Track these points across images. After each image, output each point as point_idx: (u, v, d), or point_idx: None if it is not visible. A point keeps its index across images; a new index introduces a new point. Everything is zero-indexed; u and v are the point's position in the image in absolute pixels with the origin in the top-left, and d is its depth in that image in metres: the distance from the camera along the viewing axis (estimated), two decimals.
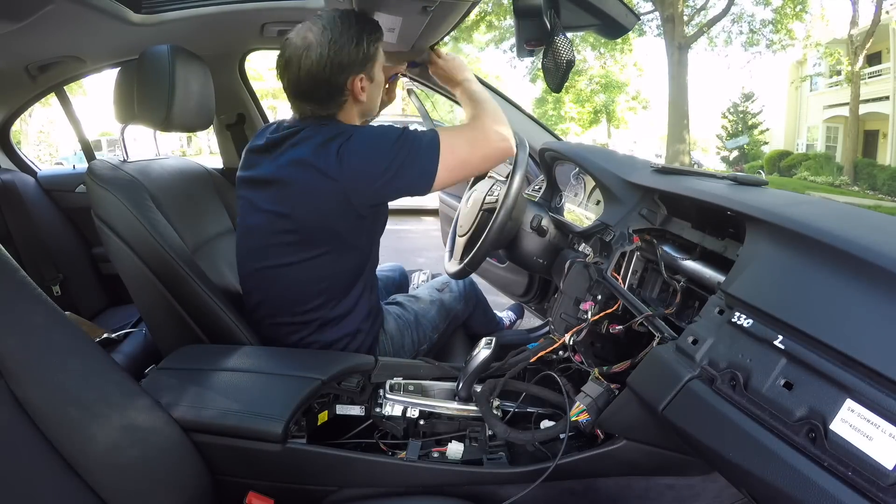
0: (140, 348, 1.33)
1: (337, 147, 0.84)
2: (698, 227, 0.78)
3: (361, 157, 0.84)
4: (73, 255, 1.64)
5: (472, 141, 0.90)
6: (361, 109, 0.95)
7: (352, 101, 0.92)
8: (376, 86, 0.95)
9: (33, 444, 0.54)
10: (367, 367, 0.85)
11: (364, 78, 0.90)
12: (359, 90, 0.90)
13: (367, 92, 0.92)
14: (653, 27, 13.17)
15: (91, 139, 1.92)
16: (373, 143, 0.85)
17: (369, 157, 0.85)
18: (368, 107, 0.96)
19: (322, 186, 0.85)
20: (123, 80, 1.00)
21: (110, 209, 0.92)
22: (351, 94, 0.91)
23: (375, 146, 0.85)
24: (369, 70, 0.91)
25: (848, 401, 0.43)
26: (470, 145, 0.90)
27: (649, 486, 0.79)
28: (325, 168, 0.84)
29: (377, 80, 0.95)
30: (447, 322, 1.23)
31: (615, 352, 0.85)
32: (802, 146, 15.79)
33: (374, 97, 0.96)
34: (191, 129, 1.07)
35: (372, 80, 0.93)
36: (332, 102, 0.90)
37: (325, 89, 0.88)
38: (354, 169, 0.84)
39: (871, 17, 11.65)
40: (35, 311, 0.58)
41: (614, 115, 18.47)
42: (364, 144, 0.85)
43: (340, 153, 0.83)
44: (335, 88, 0.88)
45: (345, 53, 0.86)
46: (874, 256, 0.47)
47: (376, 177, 0.85)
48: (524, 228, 1.14)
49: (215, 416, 0.71)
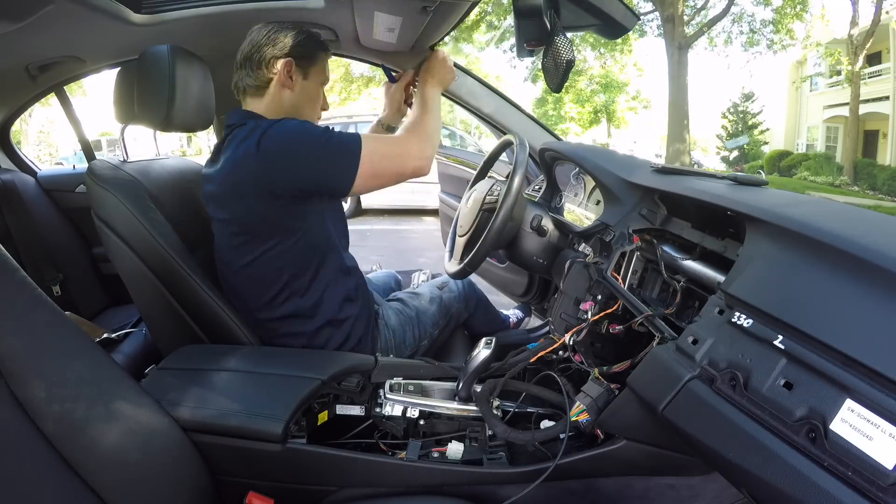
0: (140, 348, 1.33)
1: (257, 137, 0.87)
2: (698, 227, 0.78)
3: (279, 143, 0.87)
4: (73, 255, 1.64)
5: (390, 155, 0.93)
6: (290, 101, 0.99)
7: (278, 85, 0.97)
8: (309, 88, 1.00)
9: (33, 444, 0.54)
10: (367, 367, 0.85)
11: (294, 65, 0.97)
12: (285, 74, 0.96)
13: (296, 84, 0.98)
14: (653, 27, 13.19)
15: (91, 139, 1.92)
16: (292, 132, 0.88)
17: (288, 143, 0.87)
18: (298, 105, 1.00)
19: (245, 178, 0.88)
20: (123, 80, 1.00)
21: (110, 209, 0.92)
22: (278, 77, 0.96)
23: (295, 135, 0.88)
24: (303, 65, 0.98)
25: (848, 401, 0.43)
26: (387, 158, 0.93)
27: (649, 486, 0.79)
28: (244, 160, 0.87)
29: (311, 84, 1.00)
30: (447, 319, 1.25)
31: (615, 352, 0.85)
32: (802, 146, 15.79)
33: (305, 100, 1.00)
34: (191, 129, 1.07)
35: (305, 78, 0.99)
36: (258, 73, 0.96)
37: (257, 57, 0.96)
38: (272, 154, 0.86)
39: (871, 17, 11.65)
40: (35, 311, 0.58)
41: (614, 115, 18.46)
42: (283, 132, 0.88)
43: (260, 142, 0.86)
44: (264, 60, 0.96)
45: (282, 35, 0.96)
46: (874, 256, 0.47)
47: (295, 161, 0.87)
48: (524, 228, 1.14)
49: (215, 416, 0.71)
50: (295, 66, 0.97)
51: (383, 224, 5.61)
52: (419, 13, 0.96)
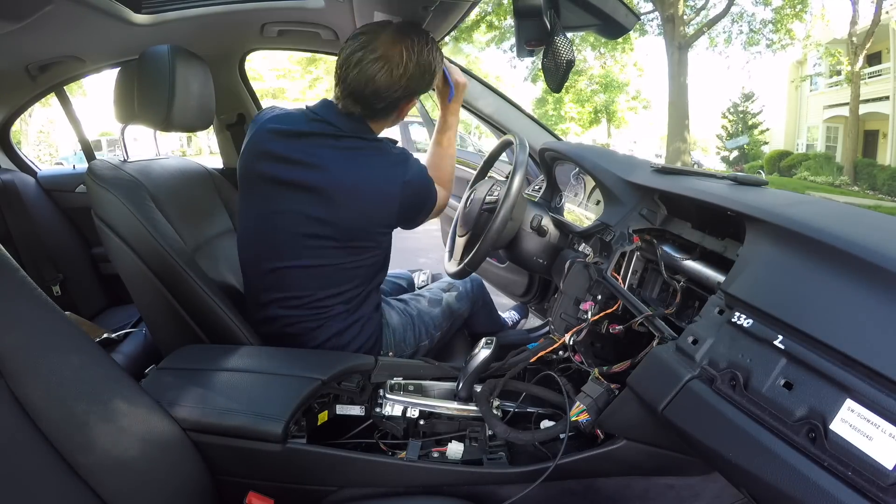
0: (140, 348, 1.33)
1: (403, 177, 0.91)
2: (698, 227, 0.78)
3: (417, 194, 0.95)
4: (73, 255, 1.64)
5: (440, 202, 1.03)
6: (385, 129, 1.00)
7: (394, 118, 0.96)
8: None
9: (33, 444, 0.54)
10: (367, 367, 0.85)
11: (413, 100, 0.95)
12: (405, 112, 0.96)
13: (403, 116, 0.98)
14: (653, 26, 13.19)
15: (91, 139, 1.92)
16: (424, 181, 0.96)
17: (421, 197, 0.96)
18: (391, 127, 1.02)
19: (381, 205, 0.91)
20: (123, 80, 1.00)
21: (110, 209, 0.92)
22: (397, 114, 0.94)
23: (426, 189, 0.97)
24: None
25: (848, 401, 0.43)
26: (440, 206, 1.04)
27: (649, 486, 0.79)
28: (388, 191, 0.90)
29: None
30: (450, 321, 1.25)
31: (615, 352, 0.85)
32: (802, 146, 15.79)
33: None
34: (191, 129, 1.08)
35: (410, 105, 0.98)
36: (383, 114, 0.92)
37: (385, 105, 0.90)
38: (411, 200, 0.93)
39: (871, 17, 11.65)
40: (35, 311, 0.58)
41: (614, 115, 18.47)
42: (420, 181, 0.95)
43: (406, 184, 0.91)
44: (393, 105, 0.91)
45: (415, 84, 0.89)
46: (874, 256, 0.47)
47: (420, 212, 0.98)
48: (524, 228, 1.14)
49: (215, 416, 0.71)
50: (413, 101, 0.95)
51: None
52: (419, 13, 0.96)
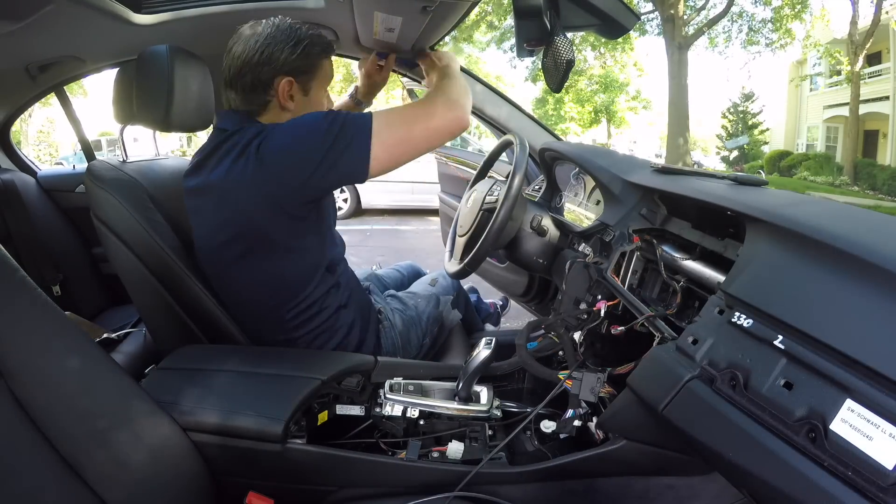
0: (140, 348, 1.33)
1: (256, 147, 0.79)
2: (698, 227, 0.78)
3: (283, 152, 0.79)
4: (73, 255, 1.63)
5: (412, 115, 0.84)
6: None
7: (277, 106, 0.89)
8: (310, 103, 0.92)
9: (33, 444, 0.54)
10: (366, 367, 0.85)
11: (294, 84, 0.88)
12: (285, 94, 0.88)
13: (298, 103, 0.90)
14: (653, 26, 13.19)
15: (91, 139, 1.92)
16: (295, 133, 0.80)
17: (292, 150, 0.79)
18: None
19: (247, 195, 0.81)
20: (122, 81, 1.00)
21: (109, 210, 0.92)
22: (277, 97, 0.88)
23: (298, 136, 0.80)
24: (303, 81, 0.89)
25: (848, 401, 0.43)
26: (409, 121, 0.84)
27: (649, 486, 0.79)
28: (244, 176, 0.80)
29: (313, 98, 0.92)
30: (442, 314, 1.25)
31: (615, 352, 0.85)
32: (802, 146, 15.79)
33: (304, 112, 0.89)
34: (190, 130, 1.07)
35: (305, 94, 0.91)
36: (255, 96, 0.88)
37: (250, 79, 0.86)
38: (277, 168, 0.79)
39: (871, 17, 11.65)
40: (35, 311, 0.58)
41: (614, 115, 18.47)
42: (286, 137, 0.80)
43: (260, 154, 0.79)
44: (259, 82, 0.87)
45: (278, 50, 0.85)
46: (874, 256, 0.47)
47: (302, 171, 0.79)
48: (524, 228, 1.14)
49: (215, 416, 0.71)
50: (294, 84, 0.88)
51: (383, 224, 5.61)
52: (419, 13, 0.96)
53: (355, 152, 0.80)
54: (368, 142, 0.80)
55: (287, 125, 0.82)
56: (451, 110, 0.86)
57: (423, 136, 0.85)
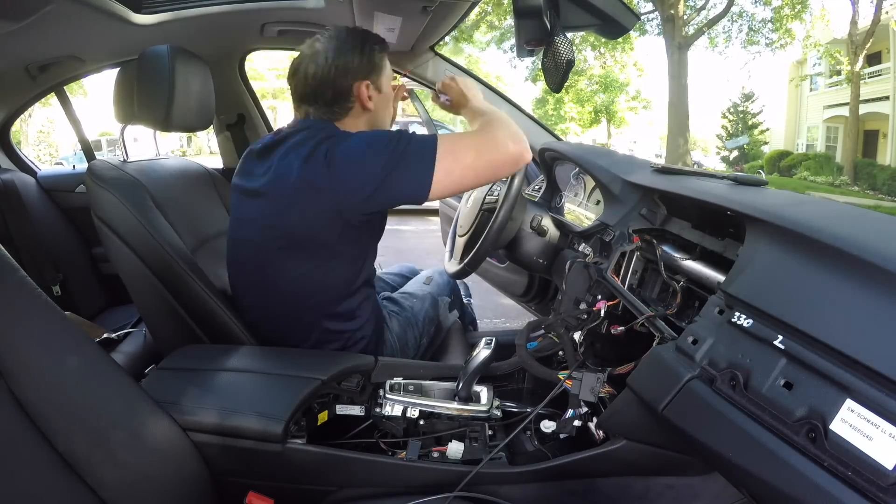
0: (140, 348, 1.33)
1: (325, 152, 0.81)
2: (698, 227, 0.78)
3: (351, 163, 0.81)
4: (73, 255, 1.64)
5: (478, 145, 0.84)
6: (370, 120, 0.94)
7: (359, 109, 0.92)
8: (384, 98, 0.95)
9: (33, 444, 0.54)
10: (367, 367, 0.85)
11: (370, 85, 0.91)
12: (365, 97, 0.91)
13: (375, 101, 0.93)
14: (653, 26, 13.19)
15: (91, 139, 1.92)
16: (364, 148, 0.82)
17: (360, 163, 0.81)
18: (377, 118, 0.95)
19: (311, 197, 0.82)
20: (123, 80, 1.00)
21: (110, 209, 0.92)
22: (358, 101, 0.91)
23: (366, 151, 0.81)
24: (375, 79, 0.92)
25: (848, 401, 0.43)
26: (475, 150, 0.84)
27: (649, 486, 0.79)
28: (312, 179, 0.81)
29: (385, 91, 0.95)
30: (438, 312, 1.24)
31: (615, 352, 0.85)
32: (802, 146, 15.78)
33: (382, 109, 0.95)
34: (191, 129, 1.07)
35: (380, 91, 0.93)
36: (337, 106, 0.91)
37: (331, 93, 0.89)
38: (344, 177, 0.81)
39: (871, 17, 11.65)
40: (35, 311, 0.58)
41: (614, 115, 18.46)
42: (355, 149, 0.82)
43: (329, 158, 0.80)
44: (340, 92, 0.89)
45: (348, 58, 0.89)
46: (874, 256, 0.47)
47: (367, 185, 0.80)
48: (524, 228, 1.14)
49: (215, 416, 0.71)
50: (371, 85, 0.91)
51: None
52: (419, 13, 0.96)
53: (418, 174, 0.81)
54: (432, 165, 0.81)
55: (356, 137, 0.84)
56: (517, 143, 0.86)
57: (487, 167, 0.85)
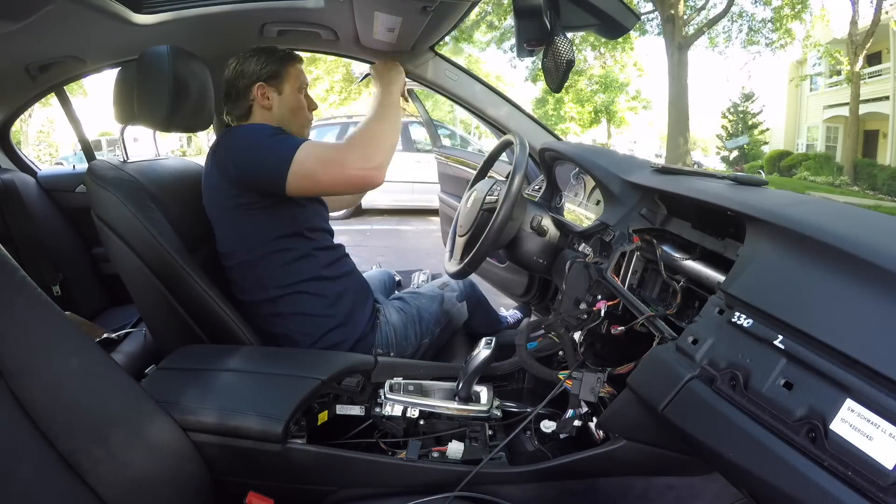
0: (140, 348, 1.33)
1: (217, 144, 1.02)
2: (698, 227, 0.78)
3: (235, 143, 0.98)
4: (73, 255, 1.64)
5: (326, 160, 0.91)
6: (272, 117, 1.07)
7: (258, 107, 1.07)
8: (284, 100, 1.08)
9: (33, 444, 0.54)
10: (367, 367, 0.85)
11: (266, 87, 1.06)
12: (260, 96, 1.05)
13: (274, 102, 1.07)
14: (653, 26, 13.18)
15: (91, 139, 1.92)
16: (246, 133, 1.00)
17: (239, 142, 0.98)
18: (279, 118, 1.07)
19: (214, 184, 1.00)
20: (123, 81, 1.00)
21: (110, 209, 0.92)
22: (256, 100, 1.06)
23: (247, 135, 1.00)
24: (276, 84, 1.07)
25: (848, 401, 0.43)
26: (322, 164, 0.91)
27: (649, 486, 0.79)
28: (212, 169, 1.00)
29: (286, 95, 1.08)
30: (448, 318, 1.26)
31: (614, 352, 0.85)
32: (802, 146, 15.78)
33: (283, 110, 1.08)
34: (191, 130, 1.08)
35: (280, 93, 1.07)
36: (239, 103, 1.07)
37: (234, 92, 1.07)
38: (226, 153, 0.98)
39: (871, 17, 11.64)
40: (35, 311, 0.58)
41: (614, 115, 18.44)
42: (240, 135, 1.00)
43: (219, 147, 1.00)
44: (239, 92, 1.06)
45: (248, 65, 1.05)
46: (874, 256, 0.47)
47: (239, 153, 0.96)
48: (524, 228, 1.14)
49: (215, 416, 0.71)
50: (267, 87, 1.06)
51: (383, 224, 5.61)
52: (419, 13, 0.96)
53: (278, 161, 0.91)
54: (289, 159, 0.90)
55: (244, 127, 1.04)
56: (366, 164, 0.91)
57: (330, 181, 0.92)
